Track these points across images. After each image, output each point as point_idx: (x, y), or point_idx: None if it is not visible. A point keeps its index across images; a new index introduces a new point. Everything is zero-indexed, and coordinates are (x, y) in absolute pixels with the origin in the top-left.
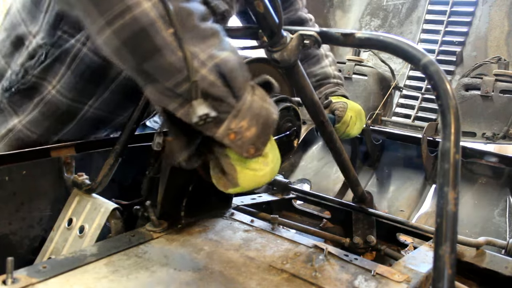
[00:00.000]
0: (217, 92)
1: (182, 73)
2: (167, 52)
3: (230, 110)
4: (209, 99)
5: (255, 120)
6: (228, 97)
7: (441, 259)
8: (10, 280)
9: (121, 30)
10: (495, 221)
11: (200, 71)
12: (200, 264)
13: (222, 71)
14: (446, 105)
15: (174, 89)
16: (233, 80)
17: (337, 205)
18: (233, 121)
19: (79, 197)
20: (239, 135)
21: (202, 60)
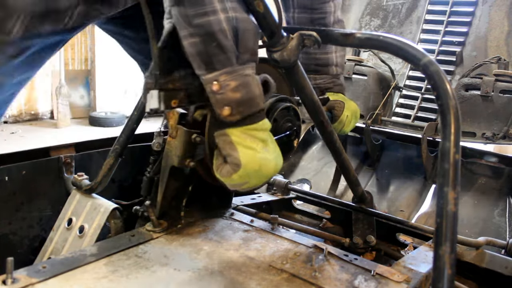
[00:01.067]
0: (223, 41)
1: (204, 6)
2: None
3: (227, 64)
4: (214, 44)
5: (244, 89)
6: (230, 52)
7: (441, 259)
8: (10, 280)
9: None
10: (495, 221)
11: (219, 14)
12: (200, 264)
13: (237, 26)
14: (446, 105)
15: (192, 18)
16: (243, 40)
17: (337, 205)
18: (224, 75)
19: (79, 197)
20: (223, 90)
21: (226, 7)
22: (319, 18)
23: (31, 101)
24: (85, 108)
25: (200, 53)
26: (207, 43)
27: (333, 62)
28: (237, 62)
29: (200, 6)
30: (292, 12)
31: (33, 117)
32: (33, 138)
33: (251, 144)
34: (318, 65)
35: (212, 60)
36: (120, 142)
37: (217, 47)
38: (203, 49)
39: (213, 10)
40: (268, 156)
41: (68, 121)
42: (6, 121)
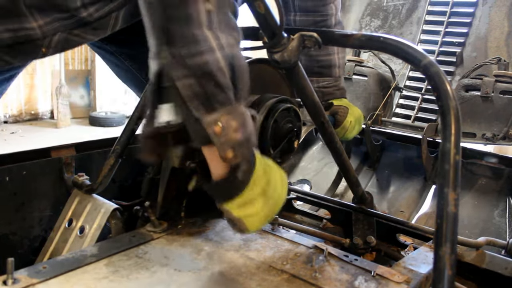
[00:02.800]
0: (222, 80)
1: (199, 45)
2: (195, 23)
3: (226, 104)
4: (212, 83)
5: (244, 128)
6: (229, 90)
7: (441, 260)
8: (10, 280)
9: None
10: (495, 222)
11: (215, 53)
12: (200, 264)
13: (234, 64)
14: (446, 106)
15: (186, 58)
16: (240, 78)
17: (337, 205)
18: (225, 115)
19: (80, 198)
20: (225, 132)
21: (222, 44)
22: (320, 20)
23: (31, 101)
24: (85, 108)
25: (197, 94)
26: (205, 83)
27: (335, 63)
28: (236, 100)
29: (194, 45)
30: (293, 15)
31: (33, 117)
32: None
33: (251, 210)
34: (321, 67)
35: (212, 100)
36: (121, 142)
37: (216, 87)
38: (201, 89)
39: (209, 48)
40: (270, 202)
41: (68, 121)
42: (6, 121)
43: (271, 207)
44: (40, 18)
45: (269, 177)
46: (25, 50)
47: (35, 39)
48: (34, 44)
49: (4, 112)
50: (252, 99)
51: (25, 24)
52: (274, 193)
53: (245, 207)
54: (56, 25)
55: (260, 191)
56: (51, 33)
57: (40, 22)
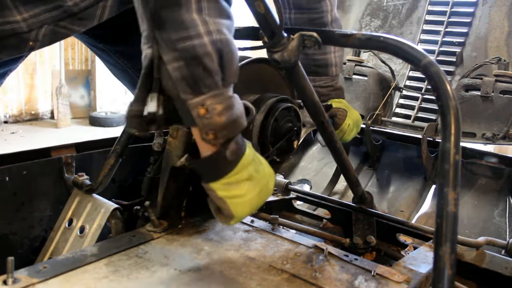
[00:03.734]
0: (209, 64)
1: (187, 31)
2: (185, 10)
3: (213, 88)
4: (200, 67)
5: (230, 112)
6: (216, 75)
7: (441, 260)
8: (10, 280)
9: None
10: (495, 222)
11: (203, 38)
12: (201, 264)
13: (222, 49)
14: (446, 106)
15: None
16: (228, 63)
17: (337, 205)
18: (210, 98)
19: (80, 198)
20: (209, 114)
21: (210, 29)
22: (316, 17)
23: (31, 101)
24: (85, 108)
25: (185, 77)
26: (193, 66)
27: (332, 62)
28: (222, 85)
29: (183, 30)
30: (288, 13)
31: (33, 117)
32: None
33: (236, 192)
34: (317, 66)
35: (199, 84)
36: (121, 142)
37: (203, 71)
38: (189, 73)
39: (197, 33)
40: (255, 192)
41: (68, 121)
42: (6, 121)
43: (258, 194)
44: (25, 11)
45: (258, 166)
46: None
47: (20, 32)
48: (20, 37)
49: (4, 112)
50: (253, 99)
51: (9, 17)
52: (261, 181)
53: (230, 188)
54: (42, 18)
55: (247, 176)
56: (37, 25)
57: (25, 15)
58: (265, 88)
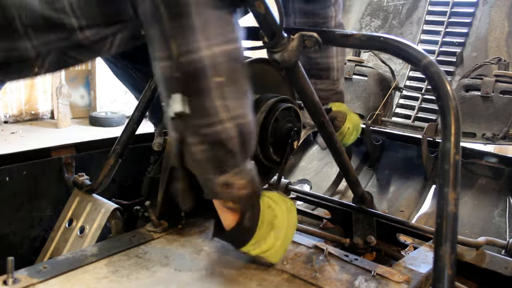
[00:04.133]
0: (232, 146)
1: (210, 118)
2: (207, 97)
3: (235, 166)
4: (223, 150)
5: (251, 184)
6: (238, 155)
7: (441, 260)
8: (11, 280)
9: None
10: (495, 222)
11: (225, 123)
12: (201, 264)
13: (243, 132)
14: (446, 106)
15: (199, 128)
16: (248, 142)
17: (337, 205)
18: (234, 176)
19: (80, 198)
20: (231, 190)
21: (232, 115)
22: (320, 23)
23: (31, 101)
24: (86, 108)
25: (209, 159)
26: (217, 150)
27: (334, 66)
28: (243, 160)
29: (206, 118)
30: (293, 18)
31: (33, 117)
32: (34, 138)
33: (266, 246)
34: (319, 69)
35: (223, 165)
36: (121, 142)
37: (226, 153)
38: (213, 155)
39: (219, 120)
40: (283, 233)
41: (68, 121)
42: (6, 121)
43: (283, 236)
44: (35, 38)
45: (275, 211)
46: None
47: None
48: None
49: (4, 112)
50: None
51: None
52: (283, 223)
53: (259, 246)
54: (51, 46)
55: (269, 228)
56: (45, 53)
57: (34, 42)
58: (265, 88)
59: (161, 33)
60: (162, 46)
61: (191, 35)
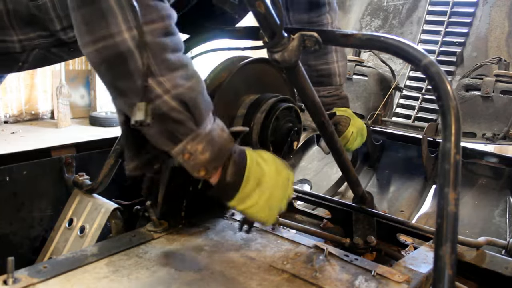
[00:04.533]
0: (177, 116)
1: (146, 95)
2: (138, 77)
3: (189, 132)
4: (170, 120)
5: (211, 146)
6: (188, 121)
7: (442, 260)
8: (11, 280)
9: (103, 50)
10: (495, 222)
11: (163, 97)
12: (201, 264)
13: (185, 99)
14: (446, 106)
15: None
16: (195, 107)
17: (337, 205)
18: (190, 143)
19: (80, 197)
20: (193, 156)
21: (167, 88)
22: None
23: (31, 101)
24: (86, 108)
25: (159, 132)
26: (163, 122)
27: (335, 72)
28: (196, 126)
29: (143, 94)
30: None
31: (33, 117)
32: (34, 138)
33: (250, 202)
34: (321, 76)
35: (175, 134)
36: (121, 142)
37: (174, 123)
38: (161, 128)
39: (156, 95)
40: (267, 193)
41: (68, 121)
42: (6, 121)
43: (268, 194)
44: (21, 33)
45: (263, 169)
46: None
47: (13, 52)
48: (12, 57)
49: (4, 112)
50: (253, 98)
51: (6, 36)
52: (269, 181)
53: (244, 201)
54: (36, 42)
55: (255, 185)
56: (30, 48)
57: (20, 37)
58: (265, 88)
59: (81, 18)
60: (81, 30)
61: (110, 19)
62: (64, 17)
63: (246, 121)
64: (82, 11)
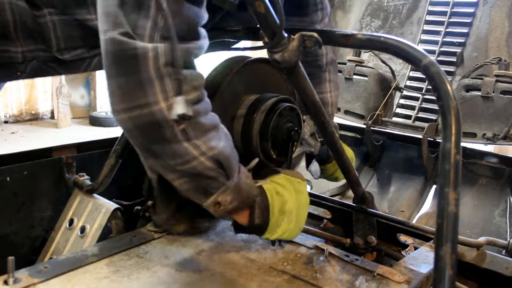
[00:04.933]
0: (211, 174)
1: (183, 158)
2: (174, 142)
3: (220, 186)
4: (203, 178)
5: (239, 196)
6: (220, 177)
7: (442, 260)
8: (11, 280)
9: (137, 118)
10: (496, 222)
11: (199, 158)
12: (201, 265)
13: (220, 159)
14: (446, 106)
15: (175, 166)
16: (227, 165)
17: (337, 205)
18: (220, 195)
19: (80, 198)
20: (222, 207)
21: (203, 150)
22: (311, 60)
23: (31, 101)
24: (86, 108)
25: (193, 188)
26: (197, 180)
27: (328, 101)
28: (226, 179)
29: (179, 158)
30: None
31: (33, 117)
32: (34, 138)
33: (282, 230)
34: None
35: (207, 189)
36: (121, 142)
37: (207, 179)
38: (195, 184)
39: (192, 157)
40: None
41: (68, 121)
42: (6, 121)
43: (295, 219)
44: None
45: (284, 196)
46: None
47: (15, 62)
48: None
49: (4, 112)
50: (253, 98)
51: (10, 47)
52: (293, 207)
53: (276, 232)
54: (35, 54)
55: (281, 214)
56: (29, 59)
57: (23, 48)
58: (265, 88)
59: (117, 86)
60: (120, 99)
61: (148, 89)
62: (62, 38)
63: (246, 121)
64: (120, 80)
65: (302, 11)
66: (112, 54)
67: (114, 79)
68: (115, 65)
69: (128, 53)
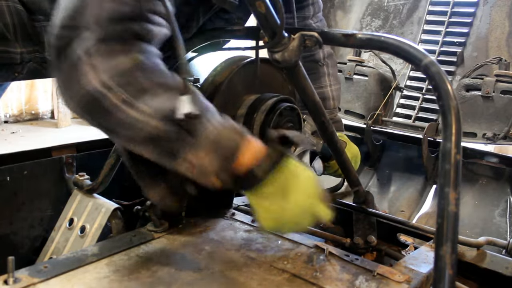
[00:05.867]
0: (169, 135)
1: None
2: (117, 112)
3: (185, 146)
4: (163, 141)
5: (218, 148)
6: (181, 136)
7: (442, 260)
8: (11, 279)
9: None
10: (496, 222)
11: (151, 123)
12: (201, 264)
13: (171, 117)
14: (447, 106)
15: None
16: (187, 121)
17: (337, 205)
18: (189, 154)
19: (80, 197)
20: (198, 165)
21: (150, 113)
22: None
23: (31, 100)
24: None
25: (158, 153)
26: (158, 144)
27: (329, 95)
28: (191, 136)
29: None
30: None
31: (33, 117)
32: (34, 137)
33: (265, 203)
34: None
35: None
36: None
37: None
38: (159, 149)
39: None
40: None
41: (68, 121)
42: (6, 120)
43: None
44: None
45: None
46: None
47: (14, 63)
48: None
49: (4, 111)
50: (253, 98)
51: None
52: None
53: (260, 199)
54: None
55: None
56: (27, 60)
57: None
58: (265, 88)
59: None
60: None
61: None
62: None
63: (246, 121)
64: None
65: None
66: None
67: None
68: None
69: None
